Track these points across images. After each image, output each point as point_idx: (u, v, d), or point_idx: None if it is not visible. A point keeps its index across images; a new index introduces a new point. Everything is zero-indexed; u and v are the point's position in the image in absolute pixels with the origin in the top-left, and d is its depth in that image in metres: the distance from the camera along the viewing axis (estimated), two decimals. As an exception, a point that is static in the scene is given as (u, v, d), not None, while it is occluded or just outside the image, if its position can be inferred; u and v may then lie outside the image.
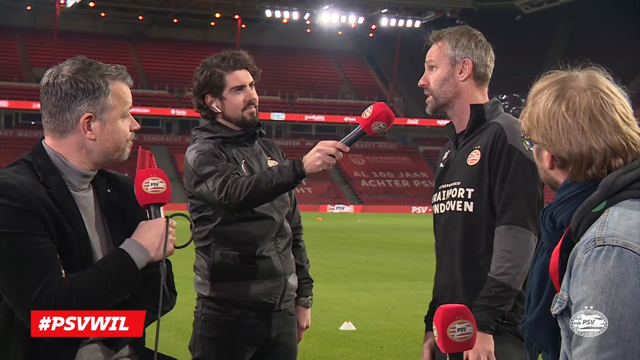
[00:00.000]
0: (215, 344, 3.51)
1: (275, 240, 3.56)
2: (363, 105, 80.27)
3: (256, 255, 3.50)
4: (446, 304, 2.28)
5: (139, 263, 2.46)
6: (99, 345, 2.48)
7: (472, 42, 3.20)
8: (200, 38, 70.92)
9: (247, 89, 3.58)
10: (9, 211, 2.32)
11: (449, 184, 3.19)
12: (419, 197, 67.26)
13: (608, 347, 1.69)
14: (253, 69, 3.63)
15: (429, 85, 3.22)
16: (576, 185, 1.94)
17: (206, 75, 3.56)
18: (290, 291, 3.62)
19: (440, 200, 3.23)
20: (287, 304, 3.62)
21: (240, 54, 3.62)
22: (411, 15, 68.98)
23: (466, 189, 3.10)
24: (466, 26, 3.31)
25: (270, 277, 3.52)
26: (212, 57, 3.63)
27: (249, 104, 3.58)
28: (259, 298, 3.51)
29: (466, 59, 3.18)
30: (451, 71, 3.18)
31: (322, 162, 3.19)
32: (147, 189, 2.55)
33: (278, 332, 3.59)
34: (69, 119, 2.48)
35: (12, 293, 2.33)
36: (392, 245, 23.87)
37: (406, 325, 9.71)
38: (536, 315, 1.97)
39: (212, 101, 3.58)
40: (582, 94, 1.94)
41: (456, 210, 3.13)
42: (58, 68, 2.53)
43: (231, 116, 3.58)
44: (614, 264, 1.72)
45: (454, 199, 3.14)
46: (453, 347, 2.19)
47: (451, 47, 3.19)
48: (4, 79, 61.98)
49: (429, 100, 3.24)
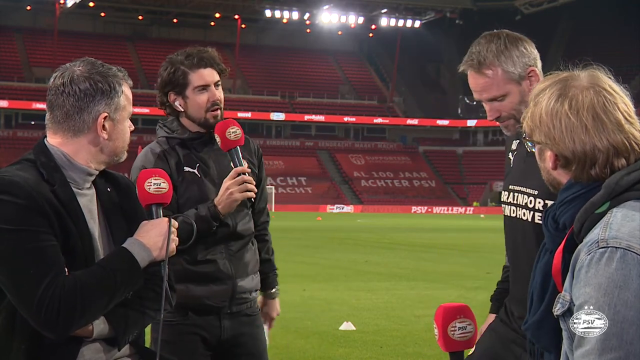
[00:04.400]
0: (167, 345, 3.37)
1: (227, 243, 3.47)
2: (363, 105, 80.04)
3: (199, 259, 3.41)
4: (446, 303, 2.28)
5: (141, 262, 2.46)
6: (100, 345, 2.48)
7: (521, 47, 2.84)
8: (200, 38, 70.92)
9: (211, 89, 3.44)
10: (13, 208, 2.32)
11: (523, 189, 2.83)
12: (418, 197, 67.31)
13: (610, 349, 1.69)
14: (220, 67, 3.49)
15: (502, 114, 2.86)
16: (579, 186, 1.93)
17: (169, 72, 3.43)
18: (243, 294, 3.51)
19: (512, 203, 2.89)
20: (242, 306, 3.51)
21: (207, 51, 3.50)
22: (411, 16, 69.04)
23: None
24: (493, 33, 2.90)
25: (216, 280, 3.43)
26: (178, 52, 3.51)
27: (212, 104, 3.43)
28: (202, 301, 3.42)
29: (529, 69, 2.82)
30: (522, 90, 2.82)
31: (238, 195, 3.33)
32: (149, 188, 2.56)
33: (233, 334, 3.49)
34: (86, 118, 2.48)
35: (15, 290, 2.32)
36: (392, 245, 23.86)
37: (406, 325, 9.70)
38: (539, 316, 1.97)
39: (175, 99, 3.46)
40: (585, 92, 1.93)
41: (534, 222, 2.76)
42: (68, 69, 2.52)
43: (194, 116, 3.45)
44: (617, 265, 1.72)
45: (531, 209, 2.78)
46: (454, 346, 2.20)
47: (512, 67, 2.80)
48: (3, 79, 62.03)
49: (509, 125, 2.86)
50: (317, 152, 69.17)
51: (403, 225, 37.81)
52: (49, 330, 2.31)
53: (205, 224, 3.31)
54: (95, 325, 2.43)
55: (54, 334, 2.32)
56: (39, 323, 2.30)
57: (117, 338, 2.48)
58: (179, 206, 3.37)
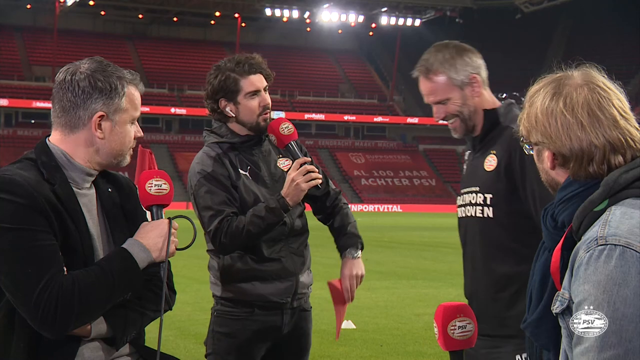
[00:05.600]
0: (226, 338, 3.55)
1: (287, 240, 3.58)
2: (363, 103, 79.84)
3: (266, 257, 3.52)
4: (446, 302, 2.28)
5: (140, 263, 2.46)
6: (99, 343, 2.49)
7: (465, 57, 3.11)
8: (200, 37, 70.94)
9: (262, 94, 3.57)
10: (13, 207, 2.32)
11: (468, 188, 3.15)
12: (418, 195, 67.30)
13: (609, 346, 1.69)
14: (267, 72, 3.62)
15: (447, 114, 3.14)
16: (577, 184, 1.94)
17: (220, 80, 3.54)
18: (303, 289, 3.64)
19: (462, 204, 3.19)
20: (301, 301, 3.64)
21: (254, 58, 3.61)
22: (411, 14, 69.00)
23: (485, 194, 3.05)
24: (442, 43, 3.19)
25: (281, 278, 3.55)
26: (225, 60, 3.62)
27: (264, 109, 3.57)
28: (269, 298, 3.54)
29: (471, 76, 3.10)
30: (464, 94, 3.10)
31: (305, 185, 3.43)
32: (150, 189, 2.57)
33: (290, 328, 3.61)
34: (82, 115, 2.49)
35: (14, 289, 2.33)
36: (392, 244, 23.87)
37: (406, 323, 9.71)
38: (538, 314, 1.97)
39: (225, 105, 3.57)
40: (579, 90, 1.94)
41: (476, 216, 3.09)
42: (75, 65, 2.54)
43: (245, 121, 3.58)
44: (616, 263, 1.72)
45: (474, 204, 3.09)
46: (454, 345, 2.20)
47: (455, 74, 3.08)
48: (3, 77, 62.00)
49: (456, 126, 3.14)
50: (317, 151, 69.20)
51: (403, 224, 37.82)
52: (46, 329, 2.31)
53: (276, 217, 3.43)
54: (93, 325, 2.43)
55: (51, 333, 2.33)
56: (36, 322, 2.31)
57: (116, 338, 2.49)
58: (241, 206, 3.50)
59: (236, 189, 3.51)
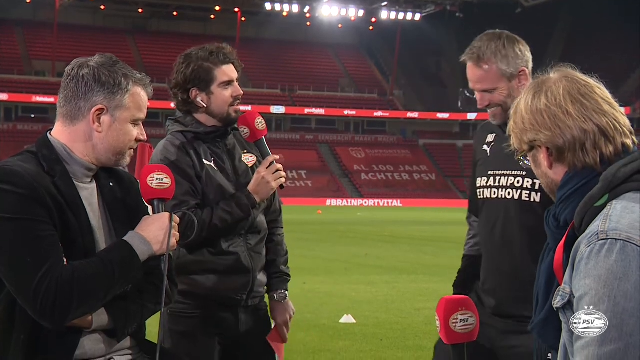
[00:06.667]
0: (182, 337, 3.43)
1: (246, 236, 3.50)
2: (363, 98, 79.79)
3: (223, 250, 3.44)
4: (448, 296, 2.28)
5: (141, 256, 2.47)
6: (100, 336, 2.50)
7: (517, 49, 3.16)
8: (200, 31, 70.86)
9: (234, 84, 3.51)
10: (13, 197, 2.33)
11: (507, 172, 3.17)
12: (418, 190, 67.30)
13: (610, 340, 1.69)
14: (238, 63, 3.56)
15: (491, 103, 3.20)
16: (575, 181, 1.94)
17: (194, 69, 3.45)
18: (259, 287, 3.56)
19: (493, 186, 3.22)
20: (256, 300, 3.55)
21: (226, 48, 3.54)
22: (411, 9, 68.92)
23: (534, 179, 3.07)
24: (495, 32, 3.23)
25: (238, 273, 3.46)
26: (195, 49, 3.53)
27: (235, 99, 3.50)
28: (225, 293, 3.45)
29: (520, 69, 3.16)
30: (511, 86, 3.16)
31: (274, 183, 3.42)
32: (152, 183, 2.58)
33: (247, 327, 3.53)
34: (82, 106, 2.51)
35: (13, 279, 2.34)
36: (392, 239, 23.88)
37: (406, 318, 9.72)
38: (544, 315, 1.97)
39: (197, 95, 3.48)
40: (558, 83, 1.99)
41: (521, 200, 3.12)
42: (86, 60, 2.56)
43: (216, 111, 3.50)
44: (617, 257, 1.72)
45: (519, 187, 3.12)
46: (456, 338, 2.20)
47: (505, 66, 3.14)
48: (3, 72, 61.96)
49: (497, 113, 3.21)
50: (318, 146, 69.15)
51: (403, 219, 37.83)
52: (46, 319, 2.32)
53: (243, 213, 3.40)
54: (95, 316, 2.44)
55: (51, 323, 2.34)
56: (35, 312, 2.32)
57: (117, 330, 2.50)
58: (203, 197, 3.42)
59: (199, 180, 3.43)
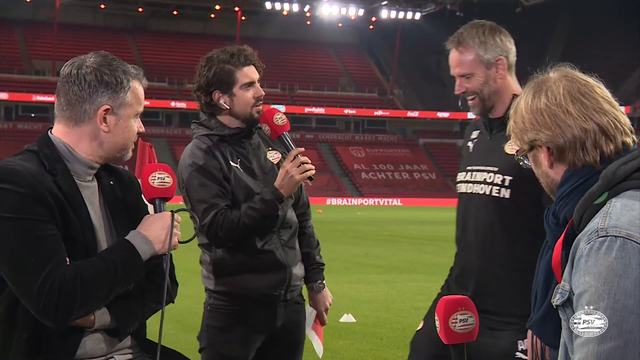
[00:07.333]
0: (221, 333, 3.54)
1: (278, 233, 3.56)
2: (363, 97, 79.49)
3: (258, 249, 3.50)
4: (448, 295, 2.28)
5: (143, 255, 2.48)
6: (102, 335, 2.50)
7: (497, 38, 3.23)
8: (200, 30, 70.81)
9: (256, 85, 3.56)
10: (15, 197, 2.33)
11: (482, 167, 3.24)
12: (418, 189, 67.28)
13: (610, 338, 1.69)
14: (259, 64, 3.62)
15: (467, 90, 3.25)
16: (574, 179, 1.95)
17: (215, 72, 3.51)
18: (296, 281, 3.63)
19: (468, 181, 3.28)
20: (293, 293, 3.63)
21: (247, 50, 3.59)
22: (411, 8, 68.86)
23: (505, 176, 3.14)
24: (479, 22, 3.31)
25: (274, 270, 3.53)
26: (216, 52, 3.59)
27: (257, 100, 3.56)
28: (263, 291, 3.52)
29: (498, 57, 3.22)
30: (488, 74, 3.22)
31: (299, 176, 3.43)
32: (153, 182, 2.59)
33: (284, 321, 3.60)
34: (87, 109, 2.50)
35: (16, 278, 2.34)
36: (392, 238, 23.87)
37: (406, 317, 9.72)
38: (542, 312, 1.97)
39: (219, 97, 3.54)
40: (558, 83, 2.00)
41: (491, 195, 3.18)
42: (81, 59, 2.55)
43: (239, 113, 3.55)
44: (616, 254, 1.73)
45: (489, 183, 3.19)
46: (455, 338, 2.20)
47: (483, 52, 3.21)
48: (3, 71, 61.93)
49: (475, 104, 3.26)
50: (318, 145, 69.13)
51: (403, 218, 37.82)
52: (48, 318, 2.32)
53: (270, 208, 3.43)
54: (97, 316, 2.45)
55: (53, 323, 2.33)
56: (38, 311, 2.32)
57: (119, 329, 2.50)
58: (233, 198, 3.48)
59: (228, 181, 3.49)
